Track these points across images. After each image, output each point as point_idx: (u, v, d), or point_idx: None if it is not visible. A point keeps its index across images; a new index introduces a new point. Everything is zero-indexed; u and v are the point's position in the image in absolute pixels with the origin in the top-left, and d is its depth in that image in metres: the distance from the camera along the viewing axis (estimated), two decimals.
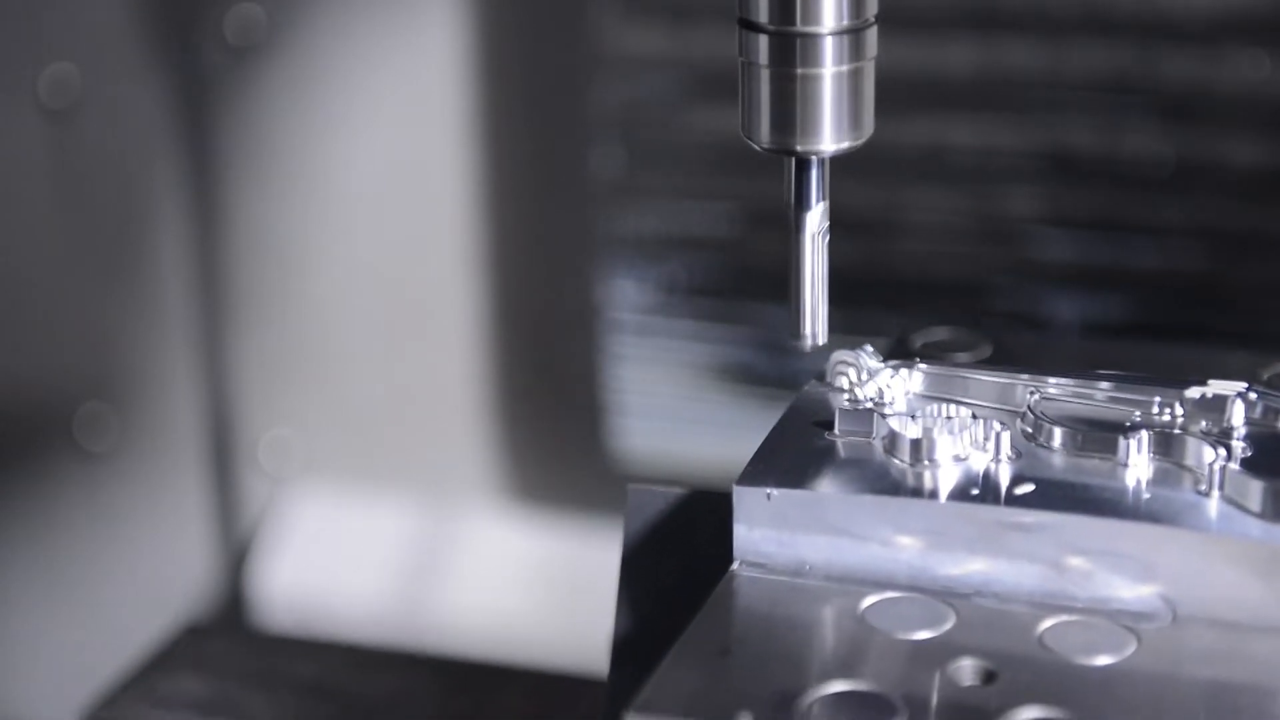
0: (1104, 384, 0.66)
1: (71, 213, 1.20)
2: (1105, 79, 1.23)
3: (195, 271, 1.30)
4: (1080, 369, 0.67)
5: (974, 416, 0.65)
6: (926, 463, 0.63)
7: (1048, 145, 1.25)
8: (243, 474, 1.38)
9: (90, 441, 1.24)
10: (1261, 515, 0.60)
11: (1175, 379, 0.65)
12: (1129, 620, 0.59)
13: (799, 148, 0.66)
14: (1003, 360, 0.70)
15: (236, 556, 1.37)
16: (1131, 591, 0.60)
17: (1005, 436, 0.64)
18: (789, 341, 0.69)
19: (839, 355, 0.69)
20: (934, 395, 0.68)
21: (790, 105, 0.65)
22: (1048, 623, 0.59)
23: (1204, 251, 1.24)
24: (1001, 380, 0.67)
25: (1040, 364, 0.68)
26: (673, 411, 1.35)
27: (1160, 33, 1.21)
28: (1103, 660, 0.57)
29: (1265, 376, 0.69)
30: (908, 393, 0.68)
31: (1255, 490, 0.60)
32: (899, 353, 0.71)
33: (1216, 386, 0.65)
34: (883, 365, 0.69)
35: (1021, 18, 1.24)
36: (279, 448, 1.39)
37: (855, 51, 0.65)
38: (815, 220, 0.68)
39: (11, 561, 1.20)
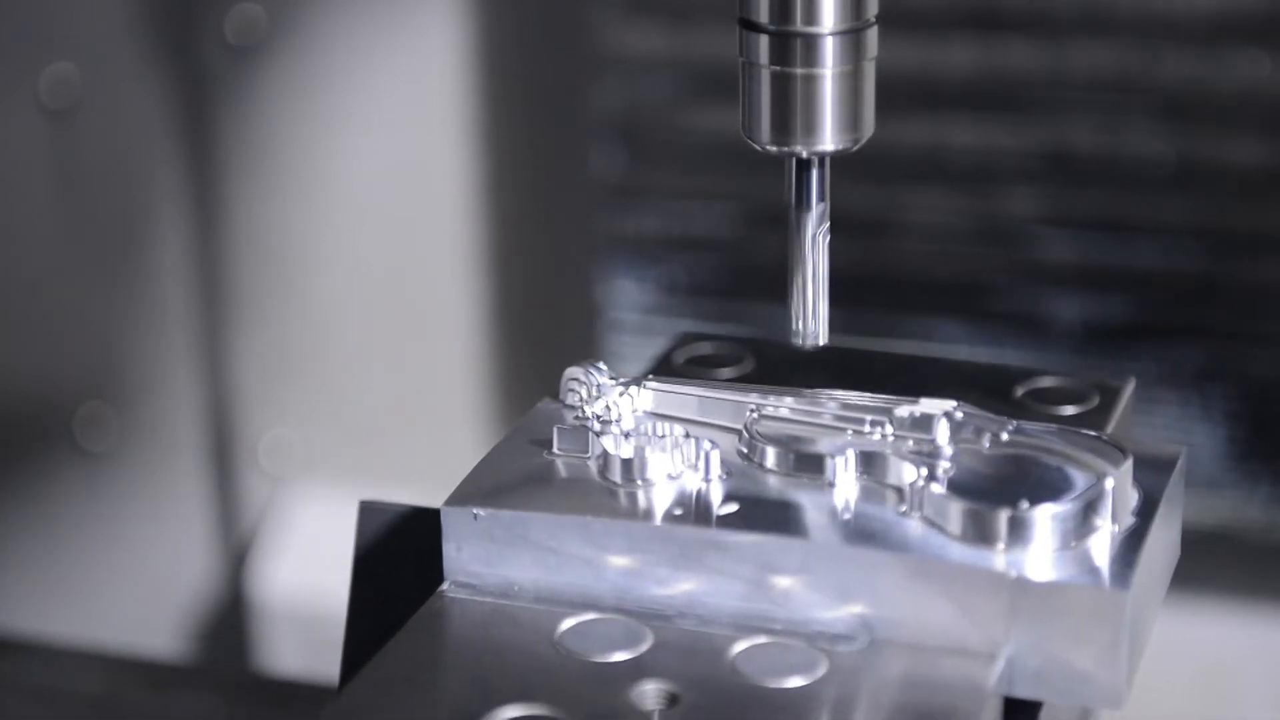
0: (827, 403, 0.64)
1: (71, 213, 1.20)
2: (1105, 79, 1.23)
3: (195, 271, 1.30)
4: (810, 385, 0.65)
5: (686, 435, 0.63)
6: (639, 482, 0.62)
7: (1048, 145, 1.25)
8: (243, 474, 1.38)
9: (90, 441, 1.24)
10: (959, 538, 0.58)
11: (892, 398, 0.63)
12: (825, 642, 0.58)
13: (799, 148, 0.66)
14: (764, 374, 0.68)
15: (236, 556, 1.38)
16: (830, 613, 0.59)
17: (715, 456, 0.62)
18: (789, 342, 0.69)
19: (570, 372, 0.67)
20: (665, 414, 0.66)
21: (790, 105, 0.65)
22: (742, 645, 0.58)
23: (1204, 251, 1.24)
24: (727, 398, 0.65)
25: (791, 379, 0.66)
26: None
27: (1160, 33, 1.21)
28: (790, 683, 0.56)
29: (1019, 393, 0.68)
30: (635, 410, 0.66)
31: (954, 512, 0.59)
32: (664, 367, 0.70)
33: (925, 405, 0.63)
34: (613, 382, 0.67)
35: (1021, 18, 1.24)
36: (279, 448, 1.39)
37: (856, 51, 0.65)
38: (815, 220, 0.68)
39: (12, 561, 1.20)
